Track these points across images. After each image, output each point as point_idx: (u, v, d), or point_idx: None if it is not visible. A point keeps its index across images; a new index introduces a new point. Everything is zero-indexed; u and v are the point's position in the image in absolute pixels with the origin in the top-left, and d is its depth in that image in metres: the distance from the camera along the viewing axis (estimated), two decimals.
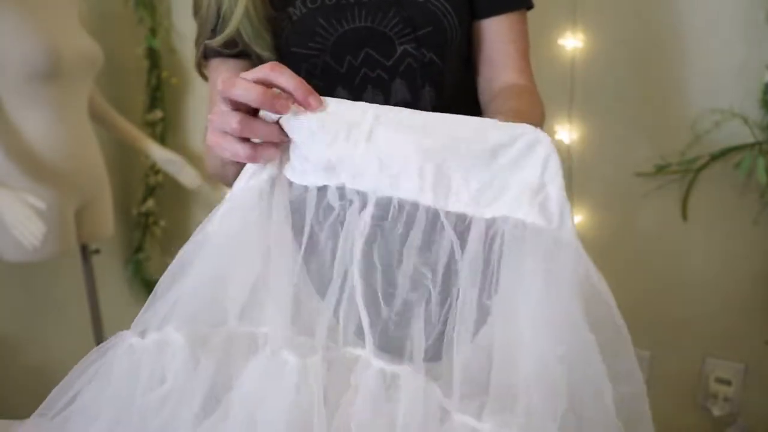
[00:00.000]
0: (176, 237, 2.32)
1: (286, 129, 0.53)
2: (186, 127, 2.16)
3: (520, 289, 0.49)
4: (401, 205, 0.52)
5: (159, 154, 1.84)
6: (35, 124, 1.46)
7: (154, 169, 2.14)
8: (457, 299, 0.51)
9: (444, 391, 0.50)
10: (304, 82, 0.51)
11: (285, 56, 0.77)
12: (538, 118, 0.77)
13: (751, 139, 1.28)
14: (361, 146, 0.51)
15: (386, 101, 0.78)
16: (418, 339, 0.51)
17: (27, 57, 1.40)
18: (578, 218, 1.52)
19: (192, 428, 0.51)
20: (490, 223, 0.51)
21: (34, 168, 1.47)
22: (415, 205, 0.52)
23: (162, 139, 2.11)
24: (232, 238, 0.55)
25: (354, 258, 0.52)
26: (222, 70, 0.82)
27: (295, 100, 0.51)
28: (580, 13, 1.37)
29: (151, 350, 0.54)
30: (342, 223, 0.53)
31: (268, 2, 0.77)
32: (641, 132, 1.41)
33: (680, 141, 1.37)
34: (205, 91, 2.22)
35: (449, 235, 0.51)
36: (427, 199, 0.51)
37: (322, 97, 0.51)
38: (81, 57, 1.51)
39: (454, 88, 0.82)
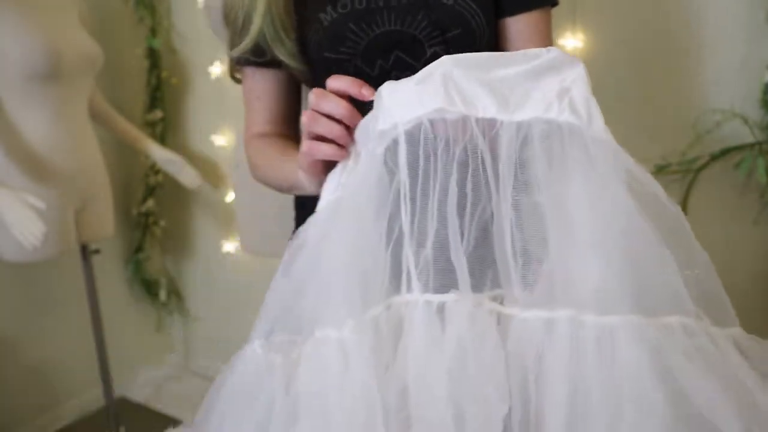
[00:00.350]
0: (176, 237, 2.32)
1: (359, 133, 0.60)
2: (186, 127, 2.16)
3: (567, 189, 0.50)
4: (432, 123, 0.54)
5: (159, 154, 1.84)
6: (35, 124, 1.46)
7: (154, 169, 2.14)
8: (496, 206, 0.52)
9: (509, 305, 0.51)
10: (354, 79, 0.60)
11: (317, 61, 0.79)
12: None
13: (751, 139, 1.28)
14: (385, 86, 0.56)
15: None
16: (460, 266, 0.51)
17: (27, 57, 1.40)
18: None
19: None
20: (520, 126, 0.52)
21: (34, 168, 1.47)
22: (443, 121, 0.53)
23: (162, 139, 2.12)
24: (322, 246, 0.57)
25: (402, 197, 0.54)
26: (255, 77, 0.86)
27: (351, 96, 0.59)
28: (580, 13, 1.36)
29: (258, 360, 0.57)
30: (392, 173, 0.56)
31: (292, 10, 0.78)
32: (641, 132, 1.41)
33: (680, 141, 1.36)
34: (204, 92, 2.22)
35: (480, 141, 0.52)
36: (453, 114, 0.53)
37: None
38: (81, 57, 1.51)
39: None
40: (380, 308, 0.53)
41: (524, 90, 0.53)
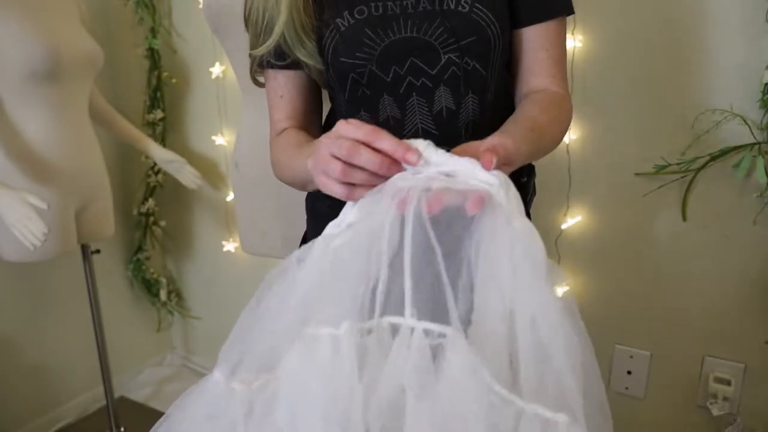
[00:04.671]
0: (176, 237, 2.32)
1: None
2: (186, 127, 2.16)
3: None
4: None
5: (159, 154, 1.85)
6: (36, 124, 1.46)
7: (155, 169, 2.15)
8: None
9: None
10: (401, 142, 0.56)
11: (333, 65, 0.80)
12: (555, 128, 0.78)
13: (750, 140, 1.28)
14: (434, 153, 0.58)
15: (430, 109, 0.81)
16: (452, 305, 0.52)
17: (28, 57, 1.40)
18: (578, 218, 1.52)
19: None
20: None
21: (35, 168, 1.47)
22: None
23: (162, 139, 2.12)
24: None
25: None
26: (277, 78, 0.88)
27: (395, 158, 0.57)
28: (579, 14, 1.37)
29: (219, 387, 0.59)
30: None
31: (311, 13, 0.80)
32: (641, 132, 1.41)
33: (680, 141, 1.37)
34: (204, 92, 2.22)
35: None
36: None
37: (418, 149, 0.57)
38: (81, 57, 1.51)
39: (495, 94, 0.83)
40: (373, 323, 0.55)
41: None
